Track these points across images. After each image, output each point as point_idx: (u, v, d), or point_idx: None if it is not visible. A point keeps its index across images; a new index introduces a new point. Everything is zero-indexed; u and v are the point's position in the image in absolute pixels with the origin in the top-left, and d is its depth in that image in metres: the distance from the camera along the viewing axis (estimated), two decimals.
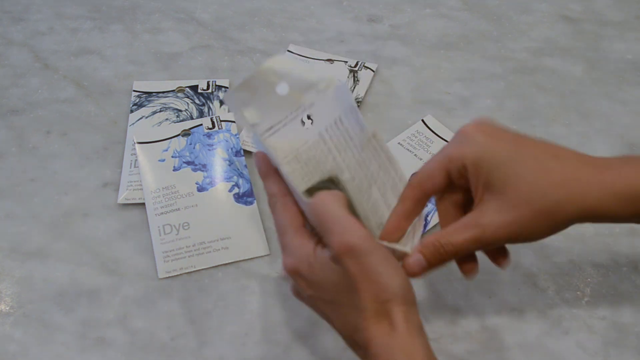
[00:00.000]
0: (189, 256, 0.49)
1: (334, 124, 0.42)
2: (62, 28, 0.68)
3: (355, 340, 0.35)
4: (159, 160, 0.54)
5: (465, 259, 0.39)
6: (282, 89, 0.41)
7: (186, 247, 0.50)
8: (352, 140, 0.42)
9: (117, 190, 0.53)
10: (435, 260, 0.36)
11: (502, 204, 0.35)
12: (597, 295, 0.48)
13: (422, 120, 0.59)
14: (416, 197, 0.38)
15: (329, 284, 0.35)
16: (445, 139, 0.57)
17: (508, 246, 0.40)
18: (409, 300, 0.34)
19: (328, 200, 0.35)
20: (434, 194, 0.39)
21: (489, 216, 0.35)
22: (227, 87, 0.61)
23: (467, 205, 0.39)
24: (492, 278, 0.49)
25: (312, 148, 0.43)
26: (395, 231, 0.39)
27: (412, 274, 0.37)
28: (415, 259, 0.36)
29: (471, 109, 0.61)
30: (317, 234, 0.37)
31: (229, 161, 0.54)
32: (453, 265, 0.49)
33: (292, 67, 0.42)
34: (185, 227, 0.51)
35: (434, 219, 0.51)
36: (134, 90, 0.61)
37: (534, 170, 0.35)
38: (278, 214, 0.38)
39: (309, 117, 0.43)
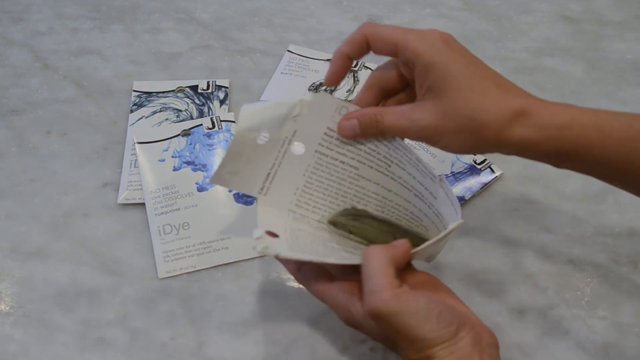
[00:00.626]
0: (189, 256, 0.49)
1: (325, 136, 0.43)
2: (62, 28, 0.68)
3: None
4: (159, 160, 0.54)
5: None
6: (263, 138, 0.42)
7: (186, 247, 0.50)
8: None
9: (117, 190, 0.53)
10: (366, 131, 0.41)
11: (436, 109, 0.38)
12: (597, 295, 0.48)
13: None
14: (373, 88, 0.42)
15: (374, 331, 0.38)
16: None
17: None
18: (449, 333, 0.35)
19: (369, 259, 0.37)
20: (389, 84, 0.42)
21: (420, 114, 0.38)
22: (227, 87, 0.61)
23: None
24: (492, 278, 0.49)
25: (318, 168, 0.44)
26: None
27: (342, 135, 0.41)
28: (350, 124, 0.41)
29: None
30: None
31: None
32: (453, 266, 0.49)
33: (261, 111, 0.43)
34: (185, 227, 0.51)
35: None
36: (134, 90, 0.61)
37: (473, 90, 0.37)
38: (317, 291, 0.40)
39: (298, 144, 0.44)
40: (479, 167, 0.55)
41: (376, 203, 0.45)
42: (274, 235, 0.40)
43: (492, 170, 0.55)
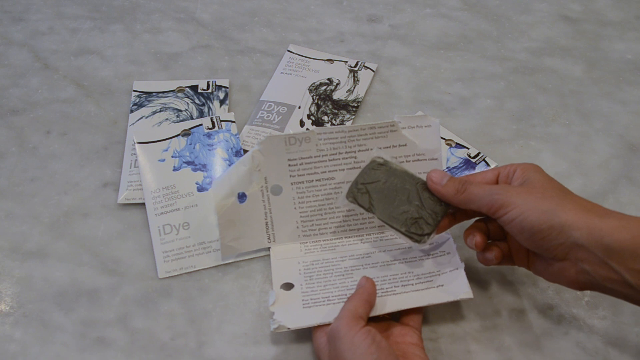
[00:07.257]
0: (189, 256, 0.49)
1: (290, 167, 0.48)
2: (62, 28, 0.68)
3: None
4: (159, 160, 0.54)
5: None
6: (240, 199, 0.48)
7: (186, 247, 0.50)
8: (307, 152, 0.48)
9: (117, 190, 0.53)
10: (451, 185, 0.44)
11: (518, 196, 0.40)
12: (597, 295, 0.48)
13: None
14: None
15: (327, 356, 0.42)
16: (445, 137, 0.57)
17: None
18: None
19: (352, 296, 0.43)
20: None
21: (502, 191, 0.41)
22: (227, 87, 0.61)
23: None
24: (492, 278, 0.49)
25: (302, 196, 0.48)
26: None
27: (434, 178, 0.44)
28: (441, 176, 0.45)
29: (471, 109, 0.61)
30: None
31: (229, 161, 0.54)
32: None
33: (227, 179, 0.48)
34: (185, 227, 0.51)
35: None
36: (134, 90, 0.61)
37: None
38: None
39: (275, 186, 0.48)
40: (473, 160, 0.55)
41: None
42: (290, 286, 0.46)
43: (487, 164, 0.55)
